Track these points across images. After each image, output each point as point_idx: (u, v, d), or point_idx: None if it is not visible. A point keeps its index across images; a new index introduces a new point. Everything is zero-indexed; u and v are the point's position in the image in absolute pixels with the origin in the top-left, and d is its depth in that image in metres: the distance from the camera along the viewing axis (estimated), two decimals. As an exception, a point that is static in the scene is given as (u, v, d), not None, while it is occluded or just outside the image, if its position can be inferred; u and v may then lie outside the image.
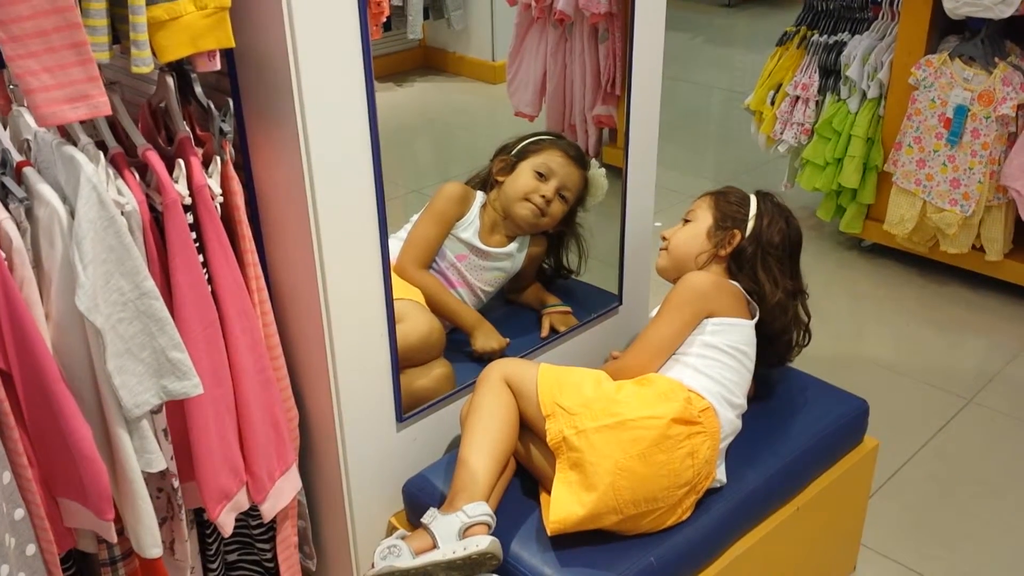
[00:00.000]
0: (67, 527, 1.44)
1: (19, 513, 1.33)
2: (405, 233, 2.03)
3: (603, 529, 1.60)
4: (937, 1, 2.99)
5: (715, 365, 1.70)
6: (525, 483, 1.73)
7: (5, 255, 1.25)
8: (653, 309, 1.83)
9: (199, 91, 1.47)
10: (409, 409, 1.77)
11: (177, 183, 1.38)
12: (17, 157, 1.33)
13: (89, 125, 1.40)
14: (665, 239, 1.90)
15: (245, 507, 1.58)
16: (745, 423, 1.76)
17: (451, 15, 3.39)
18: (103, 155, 1.34)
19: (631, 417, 1.59)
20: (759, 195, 1.87)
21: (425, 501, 1.69)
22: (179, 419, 1.46)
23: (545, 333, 2.07)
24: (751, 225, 1.82)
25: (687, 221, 1.89)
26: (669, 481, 1.59)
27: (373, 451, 1.73)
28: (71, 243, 1.25)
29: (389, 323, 1.66)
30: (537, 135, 2.08)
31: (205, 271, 1.43)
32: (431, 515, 1.60)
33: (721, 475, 1.70)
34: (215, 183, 1.43)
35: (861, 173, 3.31)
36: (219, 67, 1.35)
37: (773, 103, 3.55)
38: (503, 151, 2.08)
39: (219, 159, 1.44)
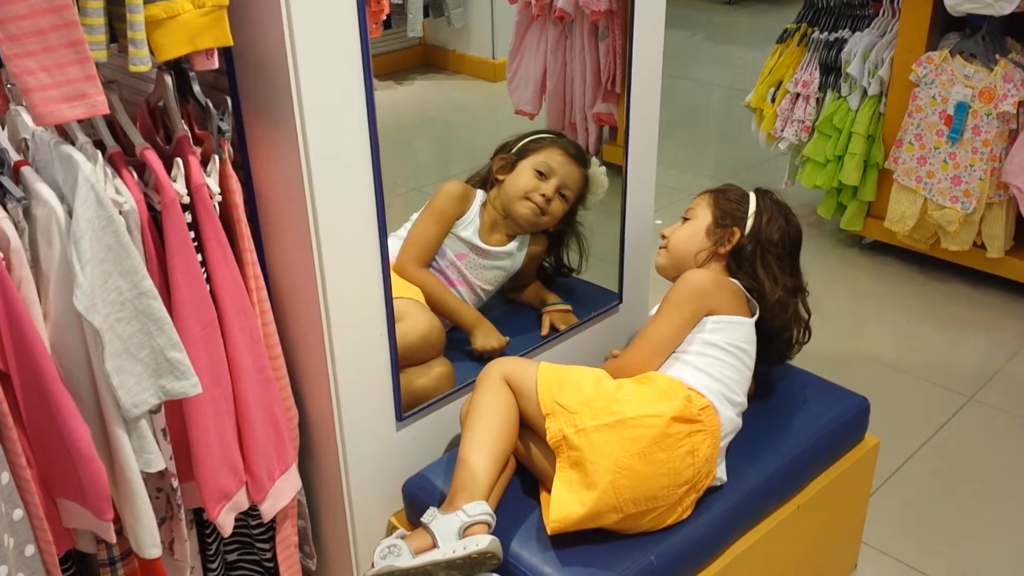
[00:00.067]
0: (66, 527, 1.44)
1: (18, 513, 1.33)
2: (405, 232, 2.03)
3: (603, 528, 1.60)
4: (938, -2, 3.00)
5: (715, 363, 1.70)
6: (525, 482, 1.73)
7: (3, 255, 1.25)
8: (653, 307, 1.83)
9: (197, 90, 1.46)
10: (409, 408, 1.76)
11: (175, 182, 1.37)
12: (15, 156, 1.33)
13: (87, 124, 1.39)
14: (665, 237, 1.90)
15: (245, 507, 1.58)
16: (745, 421, 1.75)
17: (451, 13, 3.38)
18: (101, 154, 1.34)
19: (631, 415, 1.59)
20: (758, 193, 1.87)
21: (425, 500, 1.69)
22: (178, 419, 1.45)
23: (545, 331, 2.06)
24: (750, 223, 1.82)
25: (686, 219, 1.89)
26: (669, 480, 1.59)
27: (373, 450, 1.73)
28: (69, 243, 1.25)
29: (389, 322, 1.65)
30: (537, 133, 2.08)
31: (204, 270, 1.43)
32: (431, 514, 1.59)
33: (721, 473, 1.70)
34: (213, 182, 1.42)
35: (862, 170, 3.30)
36: (217, 65, 1.35)
37: (774, 100, 3.54)
38: (503, 149, 2.08)
39: (217, 158, 1.44)
